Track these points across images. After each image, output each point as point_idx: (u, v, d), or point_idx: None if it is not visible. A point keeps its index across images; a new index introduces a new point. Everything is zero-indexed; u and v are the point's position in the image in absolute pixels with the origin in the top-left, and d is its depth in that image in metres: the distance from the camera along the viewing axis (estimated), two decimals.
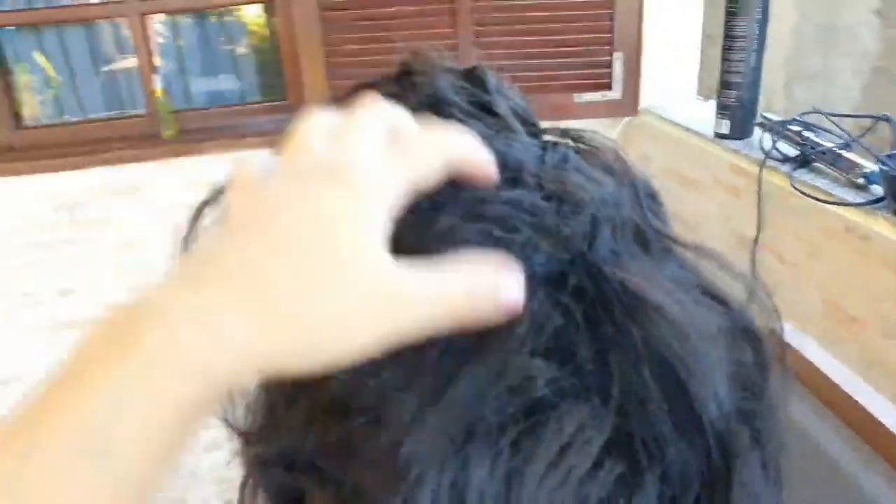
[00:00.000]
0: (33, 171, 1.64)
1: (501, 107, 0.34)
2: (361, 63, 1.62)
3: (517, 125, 0.33)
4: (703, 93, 1.70)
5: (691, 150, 1.44)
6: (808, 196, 1.06)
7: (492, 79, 0.35)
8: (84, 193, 1.64)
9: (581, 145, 0.34)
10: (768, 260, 1.22)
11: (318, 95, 1.65)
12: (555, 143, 0.34)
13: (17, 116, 1.77)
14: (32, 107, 2.88)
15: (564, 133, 0.36)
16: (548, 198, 0.28)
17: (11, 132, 1.75)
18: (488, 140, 0.30)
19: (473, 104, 0.34)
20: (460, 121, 0.32)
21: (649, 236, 0.30)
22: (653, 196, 0.36)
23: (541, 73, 1.61)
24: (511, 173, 0.29)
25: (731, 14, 1.32)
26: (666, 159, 1.56)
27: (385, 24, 1.58)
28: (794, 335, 0.68)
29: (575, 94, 1.63)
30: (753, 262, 1.24)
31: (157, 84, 1.69)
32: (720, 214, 1.36)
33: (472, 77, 0.35)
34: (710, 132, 1.41)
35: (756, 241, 1.22)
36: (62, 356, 0.25)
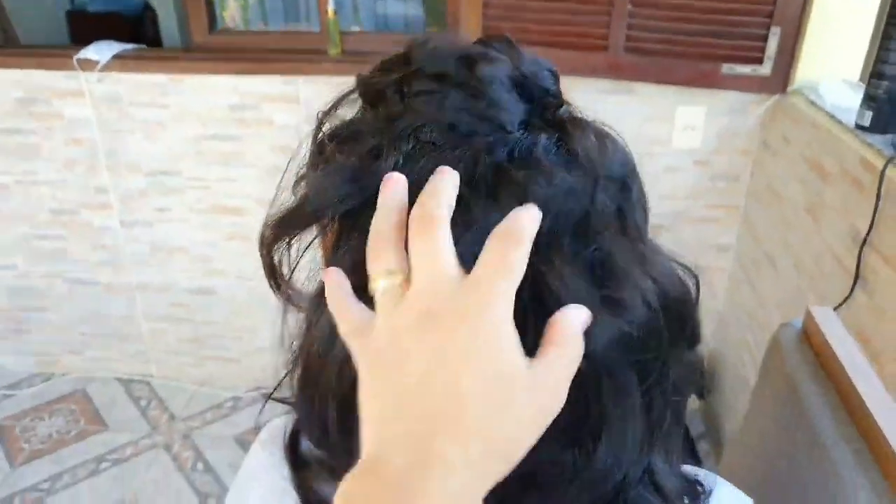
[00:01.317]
0: (217, 71, 1.87)
1: (490, 92, 0.41)
2: (516, 3, 1.68)
3: (500, 112, 0.40)
4: (865, 79, 1.60)
5: (829, 138, 1.38)
6: None
7: (484, 67, 0.42)
8: (253, 96, 1.86)
9: (566, 132, 0.41)
10: (874, 260, 1.17)
11: (473, 30, 1.73)
12: (536, 128, 0.41)
13: (211, 22, 2.01)
14: (234, 12, 3.22)
15: (557, 118, 0.42)
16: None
17: (206, 36, 1.99)
18: (467, 136, 0.39)
19: (462, 89, 0.41)
20: (442, 107, 0.40)
21: (592, 221, 0.39)
22: (623, 186, 0.42)
23: (691, 38, 1.58)
24: (476, 167, 0.38)
25: None
26: (803, 144, 1.50)
27: None
28: (825, 317, 0.69)
29: (724, 65, 1.59)
30: (859, 259, 1.19)
31: (331, 5, 1.85)
32: (841, 207, 1.31)
33: (467, 61, 0.42)
34: (852, 122, 1.34)
35: (865, 239, 1.17)
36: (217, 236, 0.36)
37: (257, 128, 1.89)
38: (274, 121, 1.88)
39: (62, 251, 2.17)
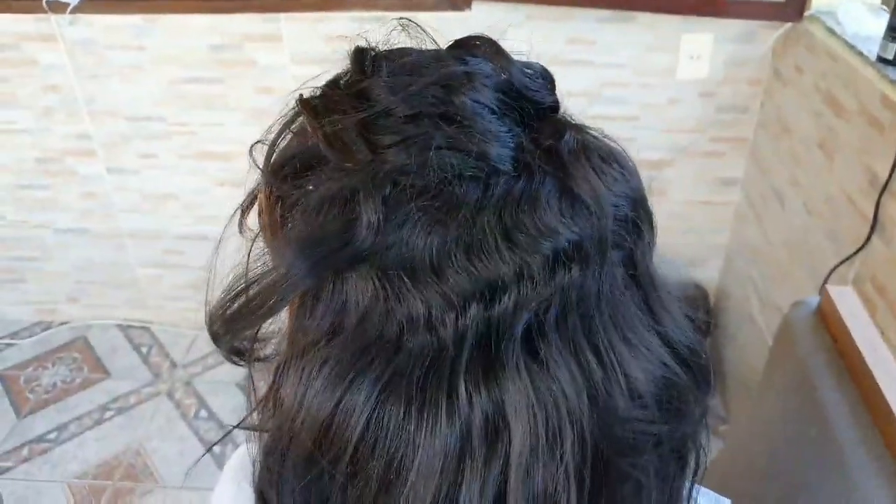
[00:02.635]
0: (193, 9, 1.75)
1: (476, 126, 0.34)
2: None
3: (490, 147, 0.33)
4: (889, 3, 1.49)
5: (846, 70, 1.29)
6: None
7: (466, 95, 0.35)
8: (233, 36, 1.75)
9: (566, 170, 0.35)
10: (892, 208, 1.11)
11: None
12: (531, 160, 0.34)
13: None
14: None
15: (549, 151, 0.36)
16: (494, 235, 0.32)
17: None
18: (455, 179, 0.33)
19: (442, 126, 0.34)
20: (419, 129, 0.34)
21: (602, 289, 0.34)
22: (634, 223, 0.36)
23: None
24: (465, 210, 0.32)
25: None
26: (818, 75, 1.41)
27: None
28: (844, 298, 0.65)
29: None
30: (878, 206, 1.13)
31: None
32: (858, 147, 1.23)
33: (445, 90, 0.35)
34: (874, 53, 1.25)
35: (886, 185, 1.11)
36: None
37: (239, 69, 1.80)
38: (257, 61, 1.78)
39: (50, 200, 2.11)
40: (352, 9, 1.69)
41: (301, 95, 0.39)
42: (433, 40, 0.41)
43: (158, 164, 1.98)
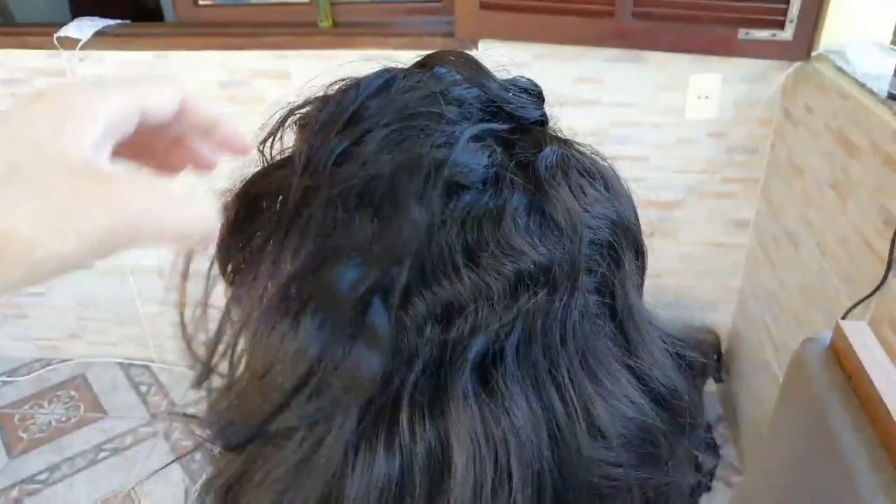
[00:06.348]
0: (204, 46, 1.77)
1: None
2: None
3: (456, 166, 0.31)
4: None
5: (858, 108, 1.27)
6: None
7: (457, 90, 0.34)
8: (243, 72, 1.76)
9: (541, 187, 0.32)
10: None
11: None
12: (503, 185, 0.31)
13: None
14: None
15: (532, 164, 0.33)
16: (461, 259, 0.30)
17: (191, 9, 1.88)
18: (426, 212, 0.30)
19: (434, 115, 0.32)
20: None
21: (567, 316, 0.30)
22: (612, 248, 0.33)
23: (704, 1, 1.46)
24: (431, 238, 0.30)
25: None
26: (828, 115, 1.38)
27: None
28: (858, 334, 0.60)
29: (741, 30, 1.47)
30: (893, 246, 1.09)
31: None
32: (872, 186, 1.20)
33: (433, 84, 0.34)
34: (885, 90, 1.22)
35: None
36: None
37: (249, 105, 1.80)
38: (265, 98, 1.78)
39: None
40: (361, 47, 1.70)
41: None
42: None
43: None
